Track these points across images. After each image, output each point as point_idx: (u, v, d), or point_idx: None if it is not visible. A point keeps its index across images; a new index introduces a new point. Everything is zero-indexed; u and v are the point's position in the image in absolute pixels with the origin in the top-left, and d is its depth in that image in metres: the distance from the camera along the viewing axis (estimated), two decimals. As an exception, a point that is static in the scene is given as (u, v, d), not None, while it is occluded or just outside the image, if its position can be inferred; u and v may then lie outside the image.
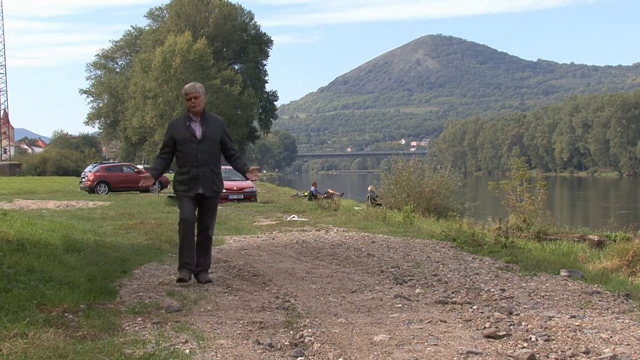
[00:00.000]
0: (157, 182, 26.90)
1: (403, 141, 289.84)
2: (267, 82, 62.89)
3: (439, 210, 19.69)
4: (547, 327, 4.37)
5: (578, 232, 13.91)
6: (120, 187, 28.86)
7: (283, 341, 4.08)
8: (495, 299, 5.39)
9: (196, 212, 6.23)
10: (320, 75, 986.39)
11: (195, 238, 6.16)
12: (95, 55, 65.62)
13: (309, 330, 4.33)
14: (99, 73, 63.62)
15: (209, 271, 6.38)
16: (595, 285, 6.08)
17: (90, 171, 30.46)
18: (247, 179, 6.27)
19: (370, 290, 5.85)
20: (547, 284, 6.11)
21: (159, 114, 49.95)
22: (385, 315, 4.81)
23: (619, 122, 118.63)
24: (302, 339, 4.12)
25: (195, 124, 6.05)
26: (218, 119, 6.27)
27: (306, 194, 27.99)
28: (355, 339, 4.13)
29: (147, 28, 62.64)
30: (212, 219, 6.25)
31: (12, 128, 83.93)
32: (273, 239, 10.57)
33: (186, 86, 6.18)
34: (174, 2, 57.97)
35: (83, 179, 30.36)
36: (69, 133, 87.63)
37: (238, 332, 4.27)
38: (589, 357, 3.71)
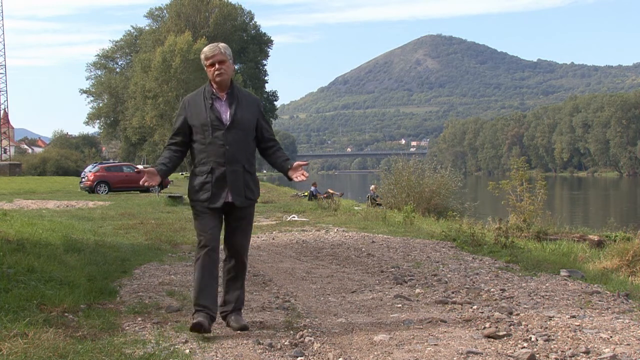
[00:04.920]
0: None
1: (403, 141, 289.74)
2: (267, 82, 63.07)
3: (439, 210, 19.69)
4: (547, 327, 4.37)
5: (578, 232, 13.91)
6: (120, 187, 28.85)
7: (283, 341, 4.08)
8: (495, 299, 5.40)
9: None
10: (320, 75, 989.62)
11: (222, 265, 4.48)
12: (96, 55, 65.93)
13: (309, 330, 4.33)
14: (99, 73, 63.75)
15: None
16: (595, 285, 6.09)
17: (90, 171, 30.46)
18: (289, 178, 4.38)
19: (370, 290, 5.86)
20: (547, 284, 6.11)
21: (159, 114, 50.00)
22: (385, 315, 4.81)
23: (619, 122, 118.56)
24: (302, 339, 4.13)
25: (220, 103, 4.27)
26: (252, 97, 4.50)
27: (306, 194, 27.96)
28: (355, 339, 4.13)
29: (147, 28, 62.74)
30: (246, 238, 4.43)
31: (12, 128, 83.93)
32: (273, 239, 10.57)
33: (206, 48, 4.34)
34: (174, 2, 58.07)
35: (83, 179, 30.36)
36: (69, 133, 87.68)
37: (238, 331, 4.27)
38: (589, 357, 3.71)
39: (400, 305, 5.18)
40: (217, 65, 4.24)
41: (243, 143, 4.29)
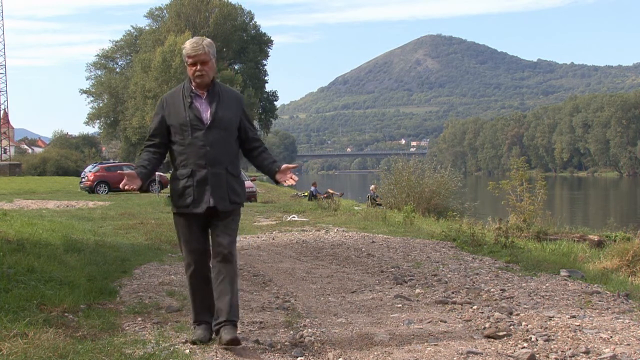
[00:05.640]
0: (157, 182, 26.71)
1: (403, 141, 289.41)
2: (267, 82, 62.99)
3: (439, 210, 19.68)
4: (547, 327, 4.37)
5: (578, 232, 13.90)
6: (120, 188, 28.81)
7: (283, 341, 4.08)
8: (495, 299, 5.40)
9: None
10: (320, 75, 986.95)
11: (213, 270, 4.03)
12: (96, 56, 65.85)
13: (309, 330, 4.34)
14: (99, 73, 63.75)
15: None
16: (595, 285, 6.09)
17: (90, 171, 30.48)
18: (277, 182, 4.14)
19: (370, 290, 5.86)
20: (547, 284, 6.11)
21: (158, 114, 49.97)
22: (385, 315, 4.81)
23: (619, 122, 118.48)
24: (302, 339, 4.13)
25: (200, 101, 3.98)
26: (234, 94, 4.17)
27: (306, 194, 27.99)
28: (355, 338, 4.13)
29: (147, 28, 62.71)
30: (231, 237, 4.01)
31: (12, 128, 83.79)
32: (273, 239, 10.57)
33: (187, 44, 4.00)
34: (174, 2, 58.06)
35: (83, 179, 30.38)
36: (69, 133, 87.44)
37: (238, 332, 4.27)
38: (589, 357, 3.71)
39: (400, 305, 5.18)
40: (198, 66, 3.93)
41: (225, 143, 4.00)
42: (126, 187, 3.97)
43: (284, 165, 4.09)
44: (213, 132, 3.93)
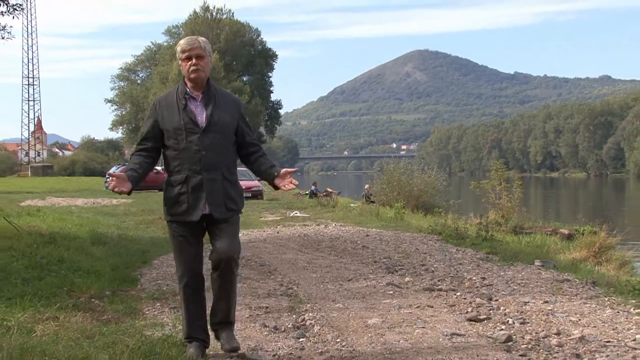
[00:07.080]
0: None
1: (394, 145, 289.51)
2: (272, 92, 62.93)
3: (426, 207, 19.64)
4: (522, 312, 4.38)
5: (550, 226, 13.87)
6: (141, 186, 28.65)
7: (287, 324, 4.08)
8: (477, 286, 5.40)
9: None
10: (320, 85, 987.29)
11: (212, 274, 3.43)
12: (119, 68, 65.93)
13: (310, 314, 4.34)
14: (122, 84, 63.86)
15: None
16: (566, 274, 6.09)
17: (114, 172, 30.50)
18: (276, 187, 3.44)
19: (365, 279, 5.85)
20: (523, 273, 6.11)
21: (175, 121, 49.94)
22: (378, 301, 4.81)
23: (587, 128, 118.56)
24: (303, 322, 4.13)
25: (195, 104, 3.41)
26: (232, 97, 3.63)
27: (307, 192, 27.95)
28: (351, 322, 4.13)
29: (165, 44, 62.74)
30: (232, 243, 3.38)
31: (45, 134, 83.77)
32: (277, 232, 10.56)
33: (183, 40, 3.50)
34: (189, 20, 58.09)
35: (108, 179, 30.38)
36: (96, 138, 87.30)
37: (246, 316, 4.28)
38: (560, 338, 3.72)
39: (391, 292, 5.18)
40: (193, 60, 3.38)
41: (221, 148, 3.39)
42: (115, 190, 3.29)
43: (283, 170, 3.44)
44: (209, 136, 3.35)
